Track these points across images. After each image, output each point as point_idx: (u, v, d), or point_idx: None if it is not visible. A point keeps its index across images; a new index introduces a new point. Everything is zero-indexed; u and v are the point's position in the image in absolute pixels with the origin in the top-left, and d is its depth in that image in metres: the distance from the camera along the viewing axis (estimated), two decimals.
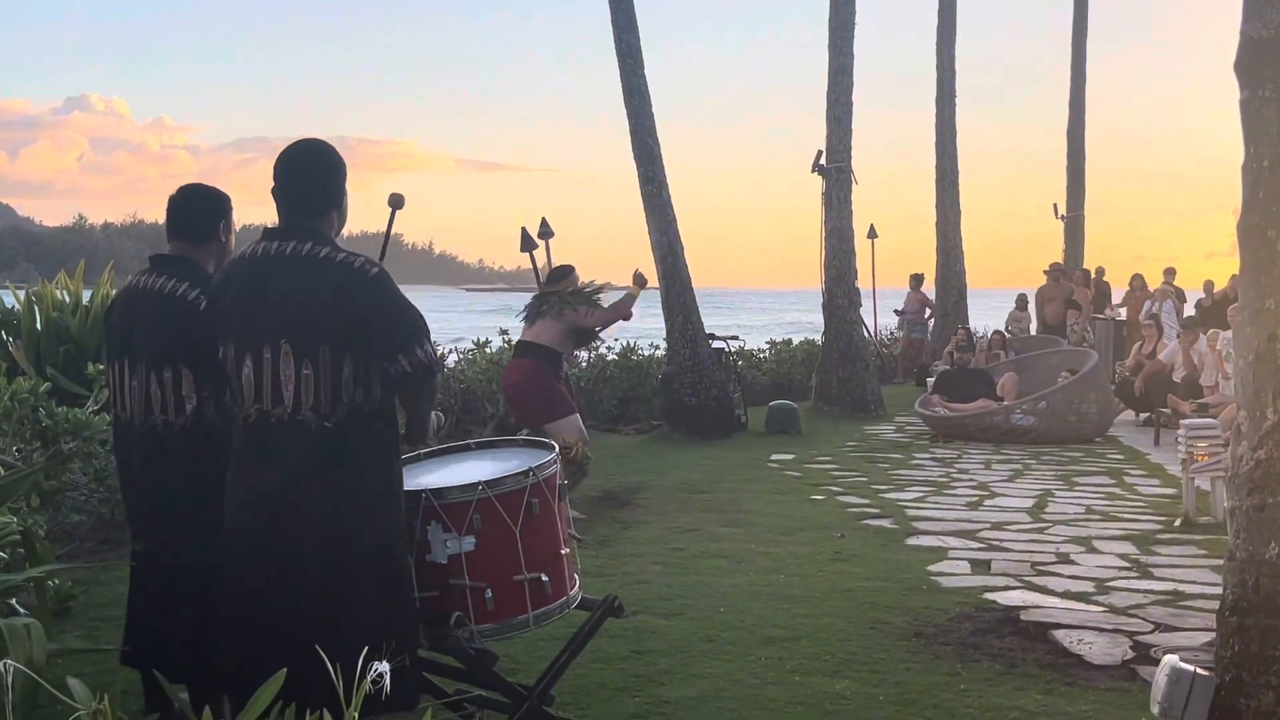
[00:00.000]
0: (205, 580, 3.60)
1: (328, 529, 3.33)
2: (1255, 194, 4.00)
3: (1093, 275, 21.30)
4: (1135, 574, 6.75)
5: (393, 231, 8.34)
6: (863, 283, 17.44)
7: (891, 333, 22.82)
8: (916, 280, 21.69)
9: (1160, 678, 3.97)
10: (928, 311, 21.66)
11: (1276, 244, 3.91)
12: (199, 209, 4.05)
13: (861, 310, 17.12)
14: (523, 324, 8.94)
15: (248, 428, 3.42)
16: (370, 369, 3.37)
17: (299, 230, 3.46)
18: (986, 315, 26.63)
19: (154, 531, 3.90)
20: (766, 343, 19.88)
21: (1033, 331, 20.90)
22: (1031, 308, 21.15)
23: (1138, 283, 18.93)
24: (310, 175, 3.55)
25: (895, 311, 21.90)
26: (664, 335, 14.35)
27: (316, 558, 3.33)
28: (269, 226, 3.56)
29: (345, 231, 3.74)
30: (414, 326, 3.41)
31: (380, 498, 3.42)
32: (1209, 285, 19.56)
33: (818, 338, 17.47)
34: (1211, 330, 13.82)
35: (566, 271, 8.94)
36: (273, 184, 3.56)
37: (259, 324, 3.37)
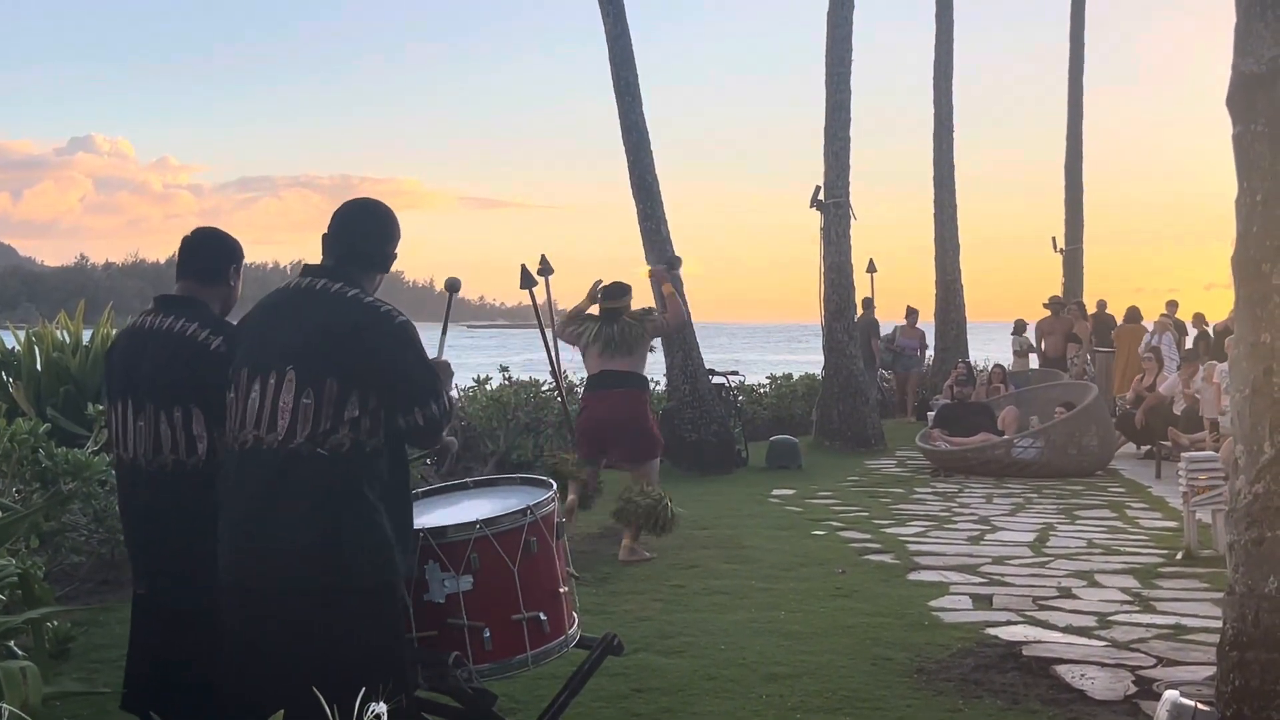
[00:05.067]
0: (209, 624, 3.59)
1: (317, 564, 3.26)
2: (1249, 228, 4.03)
3: (1089, 310, 21.30)
4: (1137, 608, 6.73)
5: (400, 271, 8.40)
6: None
7: (884, 372, 22.17)
8: (913, 315, 21.55)
9: (1161, 713, 3.96)
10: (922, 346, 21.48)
11: (1271, 278, 3.93)
12: (212, 251, 4.11)
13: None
14: (605, 352, 8.54)
15: (242, 455, 3.39)
16: (379, 408, 3.33)
17: (335, 271, 3.49)
18: (986, 348, 26.62)
19: (157, 573, 3.89)
20: (767, 377, 19.86)
21: (1032, 356, 20.92)
22: (1030, 336, 21.14)
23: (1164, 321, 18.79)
24: (367, 237, 3.58)
25: (890, 348, 21.37)
26: (664, 371, 14.35)
27: (305, 593, 3.27)
28: (309, 264, 3.59)
29: None
30: (432, 380, 3.40)
31: (376, 536, 3.33)
32: (1199, 318, 19.56)
33: (818, 372, 17.47)
34: (1209, 362, 13.82)
35: (626, 289, 8.76)
36: (325, 231, 3.59)
37: (271, 351, 3.38)
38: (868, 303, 20.25)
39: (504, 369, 14.46)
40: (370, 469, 3.34)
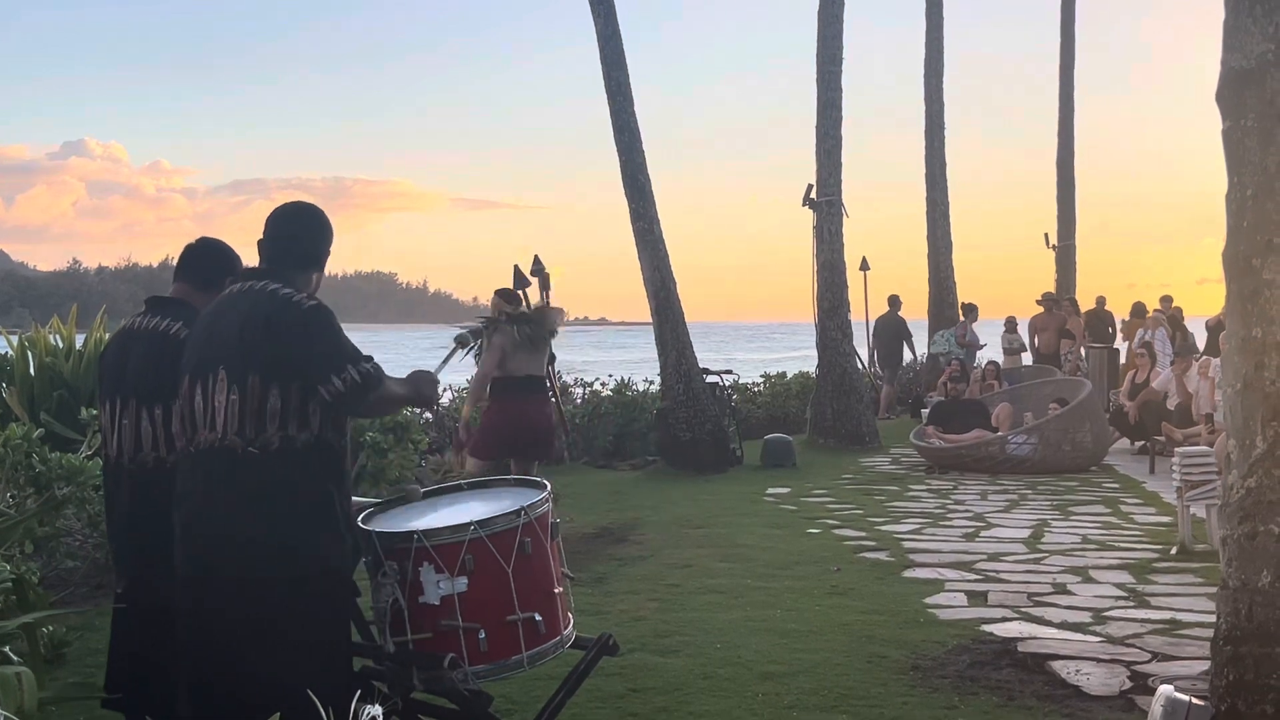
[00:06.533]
0: None
1: (252, 556, 3.36)
2: (1239, 223, 4.03)
3: (1090, 305, 21.28)
4: (1132, 603, 6.74)
5: (394, 273, 8.35)
6: (856, 315, 17.49)
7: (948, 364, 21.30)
8: (973, 311, 20.75)
9: (1156, 708, 3.96)
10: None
11: (1261, 272, 3.94)
12: (213, 261, 4.20)
13: (854, 342, 17.06)
14: (529, 356, 8.60)
15: (193, 455, 3.50)
16: (305, 399, 3.41)
17: (267, 272, 3.61)
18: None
19: (139, 569, 3.90)
20: (761, 376, 19.87)
21: (1025, 356, 20.84)
22: (1022, 332, 21.09)
23: (1148, 311, 18.75)
24: (296, 238, 3.69)
25: (963, 343, 20.56)
26: (658, 370, 14.36)
27: (245, 584, 3.36)
28: (248, 267, 3.72)
29: (340, 270, 3.81)
30: (348, 352, 3.48)
31: (306, 532, 3.42)
32: (1178, 312, 19.44)
33: (812, 370, 17.47)
34: (1203, 357, 13.84)
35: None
36: (260, 235, 3.70)
37: (208, 355, 3.50)
38: (894, 300, 19.90)
39: None
40: (303, 464, 3.43)
